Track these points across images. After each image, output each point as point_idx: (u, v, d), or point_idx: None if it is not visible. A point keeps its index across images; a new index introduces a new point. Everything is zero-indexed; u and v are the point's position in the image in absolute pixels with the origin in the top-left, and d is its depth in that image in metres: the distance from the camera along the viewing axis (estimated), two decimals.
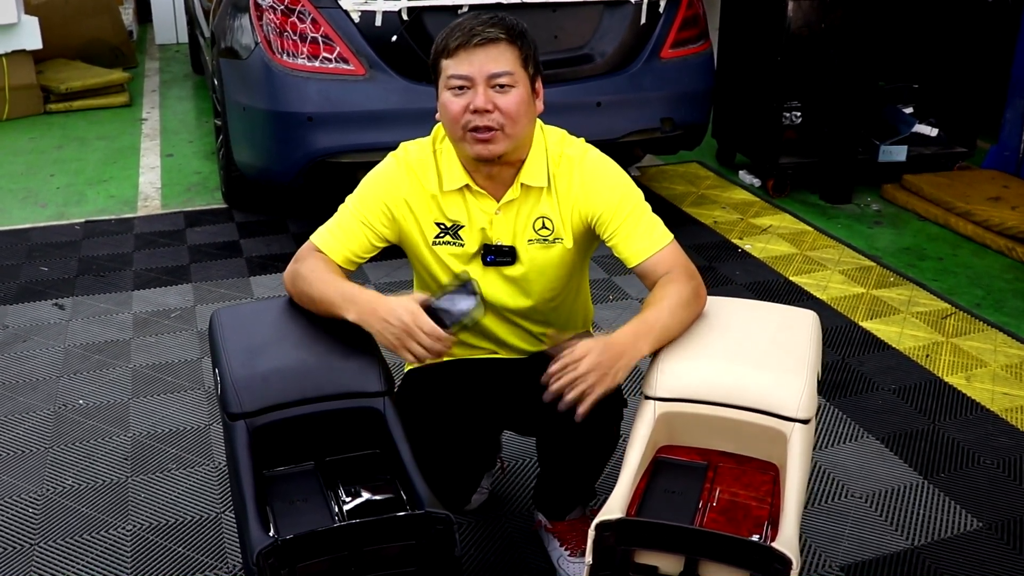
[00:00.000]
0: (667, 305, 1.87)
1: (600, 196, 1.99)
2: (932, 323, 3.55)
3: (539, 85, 1.99)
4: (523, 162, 2.00)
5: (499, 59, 1.89)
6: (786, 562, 1.50)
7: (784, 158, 4.85)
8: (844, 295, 3.78)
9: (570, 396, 1.78)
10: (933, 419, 2.96)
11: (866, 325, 3.53)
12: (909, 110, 5.10)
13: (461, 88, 1.90)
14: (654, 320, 1.85)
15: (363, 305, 1.87)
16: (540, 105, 2.00)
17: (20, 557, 2.36)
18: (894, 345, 3.39)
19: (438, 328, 1.84)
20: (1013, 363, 3.28)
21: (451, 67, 1.91)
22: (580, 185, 2.00)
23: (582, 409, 1.79)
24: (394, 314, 1.84)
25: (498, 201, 2.02)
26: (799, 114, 4.88)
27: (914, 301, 3.73)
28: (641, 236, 1.97)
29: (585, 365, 1.78)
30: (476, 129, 1.90)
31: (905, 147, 4.91)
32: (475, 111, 1.89)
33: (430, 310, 1.87)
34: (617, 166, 2.05)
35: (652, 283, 1.96)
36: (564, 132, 2.08)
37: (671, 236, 2.00)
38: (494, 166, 1.98)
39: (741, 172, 5.18)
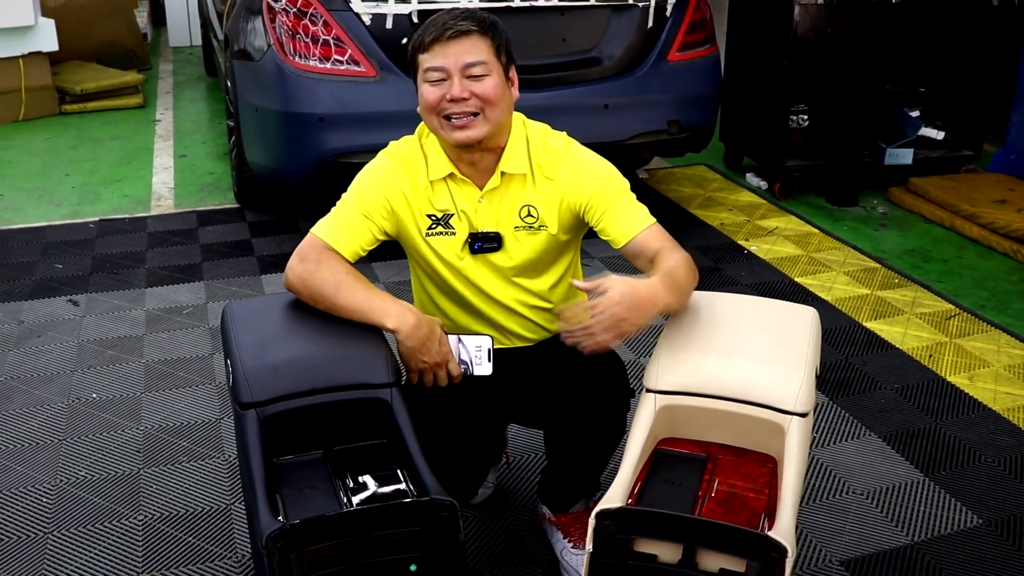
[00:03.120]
0: (680, 266, 1.95)
1: (586, 184, 2.07)
2: (936, 324, 3.58)
3: (513, 74, 2.07)
4: (503, 150, 2.07)
5: (472, 50, 1.98)
6: (781, 551, 1.53)
7: (791, 161, 4.89)
8: (848, 296, 3.81)
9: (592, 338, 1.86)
10: (935, 418, 2.98)
11: (870, 325, 3.56)
12: (916, 113, 5.12)
13: (438, 80, 1.98)
14: (674, 275, 1.92)
15: (406, 317, 1.97)
16: (515, 93, 2.09)
17: (34, 545, 2.41)
18: (897, 345, 3.42)
19: (460, 375, 2.04)
20: (1016, 363, 3.31)
21: (427, 60, 1.99)
22: (567, 175, 2.08)
23: (615, 343, 1.88)
24: (434, 342, 1.99)
25: (481, 189, 2.08)
26: (806, 117, 4.91)
27: (918, 302, 3.76)
28: (628, 217, 2.06)
29: (600, 321, 1.84)
30: (453, 116, 1.98)
31: (911, 150, 4.94)
32: (452, 100, 1.98)
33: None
34: (598, 155, 2.13)
35: (645, 259, 2.02)
36: (547, 126, 2.16)
37: (654, 219, 2.09)
38: (475, 152, 2.05)
39: (748, 175, 5.21)
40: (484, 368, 2.07)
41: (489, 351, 2.06)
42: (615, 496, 1.66)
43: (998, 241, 4.28)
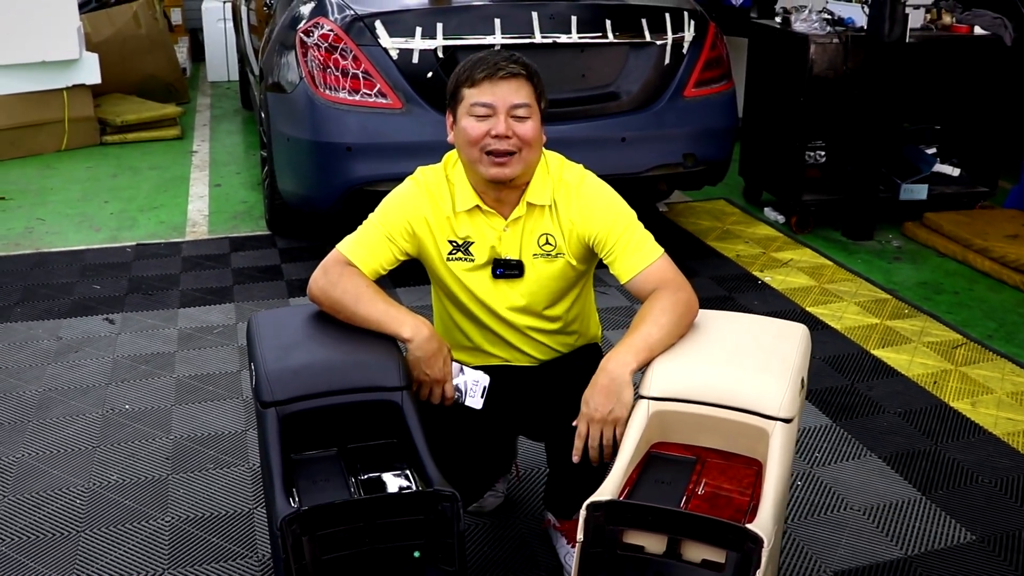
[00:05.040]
0: (652, 319, 2.04)
1: (596, 218, 2.19)
2: (943, 352, 3.66)
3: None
4: (528, 184, 2.20)
5: (519, 92, 2.12)
6: (758, 541, 1.64)
7: (807, 195, 5.00)
8: (858, 325, 3.90)
9: (603, 443, 2.01)
10: (936, 440, 3.06)
11: (877, 353, 3.65)
12: (932, 151, 5.22)
13: (484, 116, 2.11)
14: (639, 337, 2.02)
15: (421, 329, 2.11)
16: (544, 136, 2.22)
17: (68, 542, 2.56)
18: (903, 372, 3.51)
19: (451, 398, 2.16)
20: (1019, 391, 3.38)
21: (475, 96, 2.12)
22: (579, 208, 2.20)
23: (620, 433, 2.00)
24: (439, 360, 2.12)
25: (506, 219, 2.21)
26: (823, 153, 5.03)
27: (926, 332, 3.85)
28: (632, 253, 2.16)
29: (594, 431, 2.00)
30: (494, 152, 2.11)
31: (926, 186, 5.04)
32: (496, 136, 2.11)
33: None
34: (611, 189, 2.25)
35: (644, 296, 2.13)
36: (563, 157, 2.29)
37: (661, 250, 2.19)
38: (503, 188, 2.19)
39: (766, 209, 5.33)
40: (475, 402, 2.20)
41: (484, 388, 2.20)
42: (606, 491, 1.77)
43: (1009, 275, 4.36)
